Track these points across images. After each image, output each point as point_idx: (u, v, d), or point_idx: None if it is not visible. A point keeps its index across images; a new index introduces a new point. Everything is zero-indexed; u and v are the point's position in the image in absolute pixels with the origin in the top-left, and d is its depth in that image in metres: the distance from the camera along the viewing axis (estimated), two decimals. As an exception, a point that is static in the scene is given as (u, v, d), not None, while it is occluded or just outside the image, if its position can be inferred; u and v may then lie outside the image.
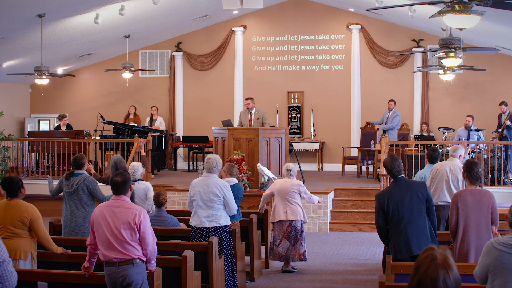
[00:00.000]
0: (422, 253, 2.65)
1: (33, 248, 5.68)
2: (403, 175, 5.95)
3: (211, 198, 6.53)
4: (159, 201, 7.41)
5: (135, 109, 15.94)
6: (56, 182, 7.56)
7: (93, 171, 8.24)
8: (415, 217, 5.74)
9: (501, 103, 13.25)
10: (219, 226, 6.57)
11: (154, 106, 15.98)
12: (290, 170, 8.34)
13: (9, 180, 5.69)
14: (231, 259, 6.78)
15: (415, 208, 5.75)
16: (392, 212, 5.76)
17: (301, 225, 8.24)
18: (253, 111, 11.98)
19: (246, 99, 12.16)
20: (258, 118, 11.94)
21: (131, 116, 15.77)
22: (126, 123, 15.21)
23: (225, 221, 6.64)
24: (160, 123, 15.86)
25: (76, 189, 7.05)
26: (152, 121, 15.83)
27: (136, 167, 7.66)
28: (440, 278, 2.54)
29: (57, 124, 15.42)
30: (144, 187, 7.62)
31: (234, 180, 7.33)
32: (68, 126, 14.70)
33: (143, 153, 9.10)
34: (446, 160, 7.88)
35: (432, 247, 2.65)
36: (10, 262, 4.09)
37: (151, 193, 7.60)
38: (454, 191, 7.40)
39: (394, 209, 5.75)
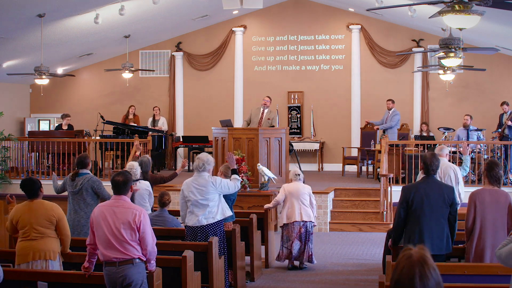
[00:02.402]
0: (400, 253, 2.59)
1: (59, 248, 5.73)
2: (436, 176, 5.94)
3: (207, 197, 6.55)
4: (162, 201, 7.42)
5: (135, 109, 15.93)
6: (60, 182, 7.58)
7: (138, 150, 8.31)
8: (436, 218, 5.74)
9: (502, 103, 13.25)
10: (215, 222, 6.60)
11: (156, 106, 15.98)
12: (299, 175, 8.52)
13: (29, 181, 5.72)
14: (225, 254, 6.78)
15: (438, 210, 5.74)
16: (415, 206, 5.75)
17: (312, 227, 8.41)
18: (266, 110, 12.14)
19: (267, 96, 12.38)
20: (268, 118, 12.05)
21: (131, 116, 15.75)
22: (126, 123, 15.21)
23: (220, 215, 6.67)
24: (163, 123, 15.88)
25: (80, 189, 7.05)
26: (155, 121, 15.83)
27: (136, 167, 7.64)
28: (417, 275, 2.44)
29: (58, 124, 15.43)
30: (147, 186, 7.64)
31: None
32: (70, 126, 14.71)
33: (179, 170, 8.81)
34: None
35: (409, 247, 2.55)
36: None
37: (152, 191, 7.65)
38: None
39: (418, 203, 5.75)
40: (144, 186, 7.61)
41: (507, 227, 5.74)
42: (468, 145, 11.01)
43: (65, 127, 14.63)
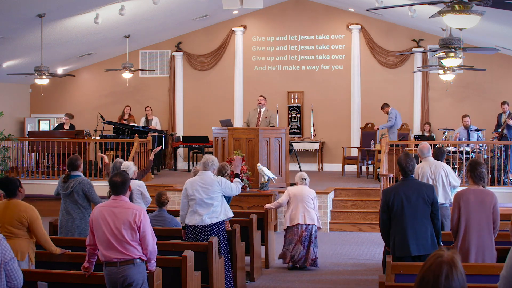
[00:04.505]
0: (431, 254, 2.61)
1: (31, 249, 5.65)
2: (413, 176, 5.96)
3: (212, 196, 6.57)
4: (160, 201, 7.41)
5: (130, 109, 15.88)
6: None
7: (106, 161, 8.57)
8: (418, 218, 5.75)
9: (503, 103, 13.22)
10: (218, 222, 6.63)
11: (148, 106, 15.93)
12: (305, 179, 8.54)
13: (5, 180, 5.68)
14: (228, 255, 6.79)
15: (419, 210, 5.75)
16: (395, 209, 5.77)
17: (315, 230, 8.41)
18: (263, 109, 12.13)
19: (260, 96, 12.40)
20: (266, 117, 12.05)
21: (126, 116, 15.71)
22: (125, 123, 15.20)
23: (224, 215, 6.72)
24: (156, 123, 15.83)
25: (71, 191, 7.03)
26: (148, 121, 15.79)
27: (128, 166, 7.62)
28: (443, 274, 2.46)
29: (59, 123, 15.43)
30: (138, 186, 7.60)
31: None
32: (72, 126, 14.72)
33: (151, 158, 8.98)
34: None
35: (442, 249, 2.59)
36: (16, 260, 4.10)
37: (146, 191, 7.62)
38: (440, 189, 7.41)
39: (398, 206, 5.76)
40: (134, 186, 7.57)
41: (493, 227, 5.74)
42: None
43: (66, 127, 14.64)
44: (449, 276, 2.46)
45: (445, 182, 7.45)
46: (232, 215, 6.93)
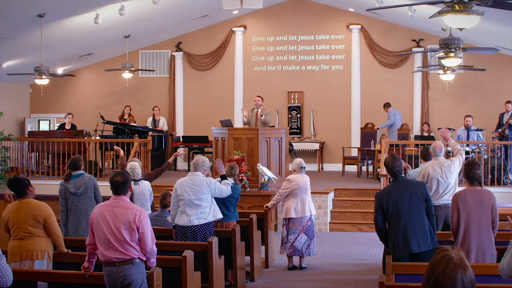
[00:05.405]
0: (436, 254, 2.65)
1: (50, 247, 5.69)
2: (403, 175, 5.99)
3: (200, 197, 6.58)
4: (163, 203, 7.45)
5: (130, 109, 15.87)
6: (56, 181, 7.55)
7: (121, 153, 8.78)
8: (414, 216, 5.77)
9: (507, 102, 13.18)
10: (206, 223, 6.63)
11: (156, 106, 15.94)
12: (304, 167, 8.57)
13: (14, 180, 5.70)
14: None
15: (414, 207, 5.78)
16: (391, 210, 5.79)
17: (314, 218, 8.55)
18: (260, 110, 12.09)
19: (258, 96, 12.37)
20: (261, 116, 12.04)
21: (126, 116, 15.70)
22: (126, 123, 15.20)
23: (212, 217, 6.72)
24: (163, 124, 15.86)
25: (85, 188, 7.00)
26: (155, 121, 15.79)
27: (137, 167, 7.65)
28: (458, 278, 2.55)
29: (61, 123, 15.43)
30: (149, 187, 7.66)
31: (231, 181, 7.39)
32: (73, 126, 14.73)
33: (171, 159, 8.91)
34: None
35: (446, 247, 2.65)
36: (3, 258, 4.11)
37: (152, 191, 7.67)
38: (452, 186, 7.38)
39: (393, 207, 5.78)
40: (146, 186, 7.64)
41: (492, 226, 5.75)
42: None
43: (68, 126, 14.65)
44: (464, 280, 2.58)
45: (453, 178, 7.34)
46: (221, 216, 6.91)
